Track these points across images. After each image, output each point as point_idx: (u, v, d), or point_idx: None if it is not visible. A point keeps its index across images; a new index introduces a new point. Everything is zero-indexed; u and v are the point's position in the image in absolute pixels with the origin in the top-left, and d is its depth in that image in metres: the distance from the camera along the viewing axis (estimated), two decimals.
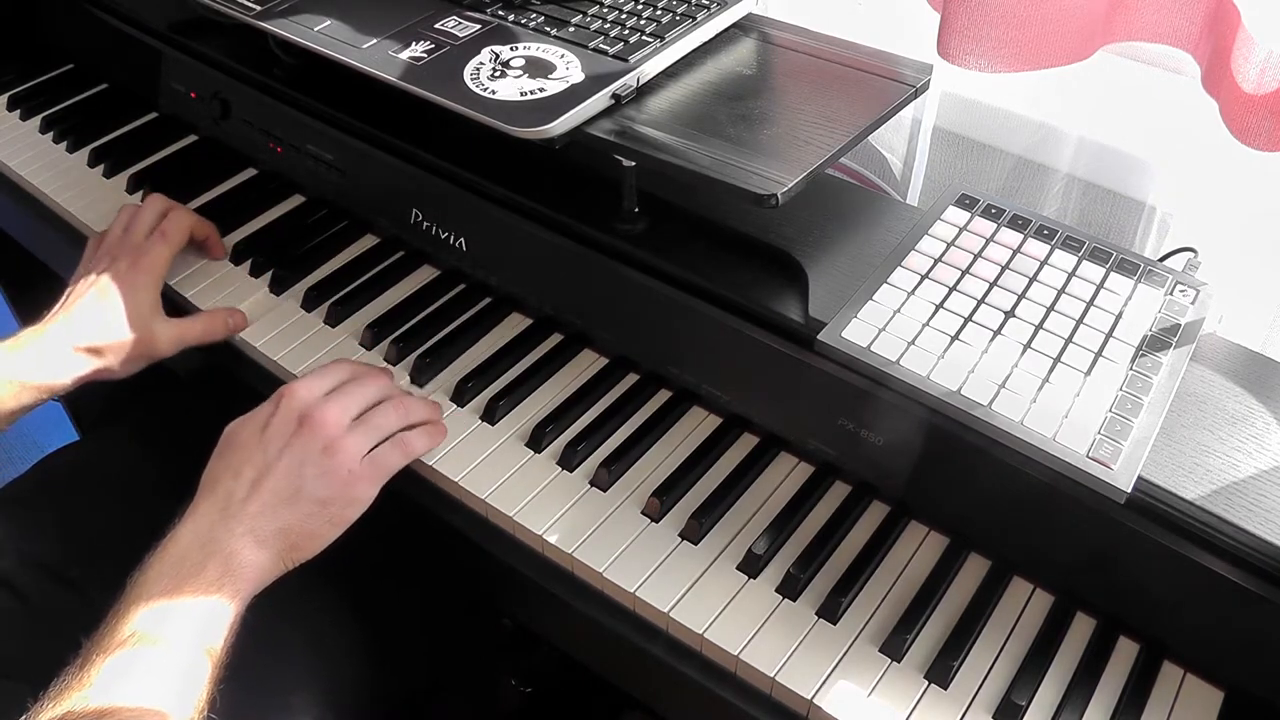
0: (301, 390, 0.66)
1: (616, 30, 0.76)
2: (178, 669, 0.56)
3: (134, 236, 0.80)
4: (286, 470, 0.63)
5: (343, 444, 0.64)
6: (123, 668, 0.55)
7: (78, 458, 0.87)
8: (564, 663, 0.81)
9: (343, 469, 0.64)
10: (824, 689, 0.57)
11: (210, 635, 0.58)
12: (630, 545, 0.64)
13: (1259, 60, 0.62)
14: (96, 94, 1.06)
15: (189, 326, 0.78)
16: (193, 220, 0.83)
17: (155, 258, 0.78)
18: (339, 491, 0.64)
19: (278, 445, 0.64)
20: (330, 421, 0.65)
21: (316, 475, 0.63)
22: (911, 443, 0.62)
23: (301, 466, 0.63)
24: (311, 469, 0.63)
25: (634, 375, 0.75)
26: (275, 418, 0.65)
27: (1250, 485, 0.56)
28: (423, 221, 0.82)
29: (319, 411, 0.65)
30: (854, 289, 0.66)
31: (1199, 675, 0.58)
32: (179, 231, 0.81)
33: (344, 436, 0.65)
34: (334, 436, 0.64)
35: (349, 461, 0.64)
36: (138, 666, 0.55)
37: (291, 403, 0.66)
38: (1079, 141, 0.84)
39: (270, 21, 0.82)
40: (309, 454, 0.64)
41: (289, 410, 0.65)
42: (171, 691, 0.55)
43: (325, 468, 0.64)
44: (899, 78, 0.73)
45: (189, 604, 0.58)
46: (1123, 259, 0.68)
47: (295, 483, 0.63)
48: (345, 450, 0.64)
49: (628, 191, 0.72)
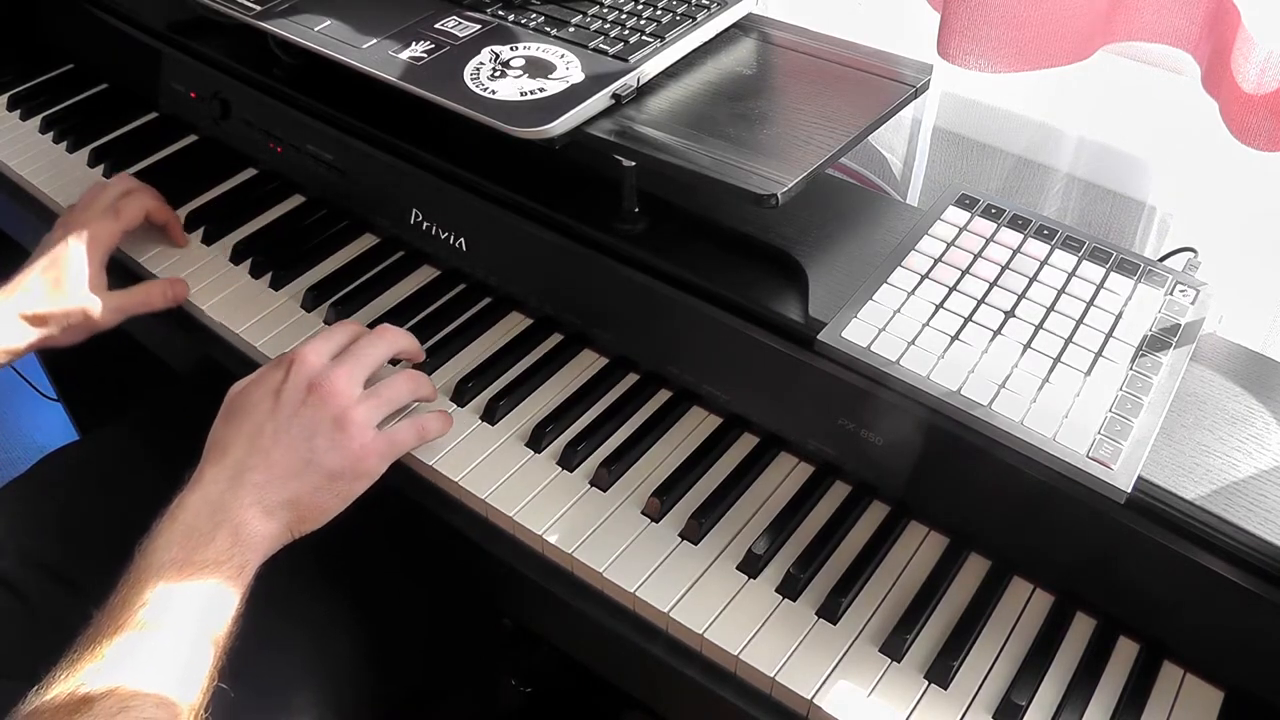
0: (310, 355, 0.65)
1: (616, 30, 0.76)
2: (185, 648, 0.56)
3: (91, 212, 0.82)
4: (296, 441, 0.62)
5: (354, 415, 0.64)
6: (129, 649, 0.54)
7: (78, 458, 0.87)
8: (564, 663, 0.81)
9: (354, 442, 0.63)
10: (824, 689, 0.57)
11: (220, 608, 0.58)
12: (630, 545, 0.64)
13: (1259, 60, 0.62)
14: (96, 94, 1.06)
15: (129, 296, 0.80)
16: (151, 204, 0.84)
17: (103, 232, 0.80)
18: (349, 465, 0.63)
19: (287, 414, 0.63)
20: (341, 391, 0.64)
21: (328, 448, 0.63)
22: (911, 443, 0.62)
23: (312, 438, 0.63)
24: (323, 440, 0.63)
25: (634, 375, 0.75)
26: (286, 385, 0.64)
27: (1250, 485, 0.56)
28: (423, 221, 0.82)
29: (329, 380, 0.64)
30: (854, 289, 0.66)
31: (1199, 675, 0.58)
32: (132, 212, 0.83)
33: (355, 407, 0.64)
34: (345, 407, 0.64)
35: (360, 435, 0.64)
36: (143, 647, 0.55)
37: (301, 369, 0.65)
38: (1079, 141, 0.84)
39: (270, 21, 0.82)
40: (320, 425, 0.63)
41: (299, 377, 0.64)
42: (177, 670, 0.55)
43: (336, 440, 0.63)
44: (899, 78, 0.73)
45: (198, 578, 0.57)
46: (1123, 259, 0.68)
47: (305, 455, 0.62)
48: (356, 423, 0.64)
49: (628, 191, 0.72)
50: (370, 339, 0.68)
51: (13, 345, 0.76)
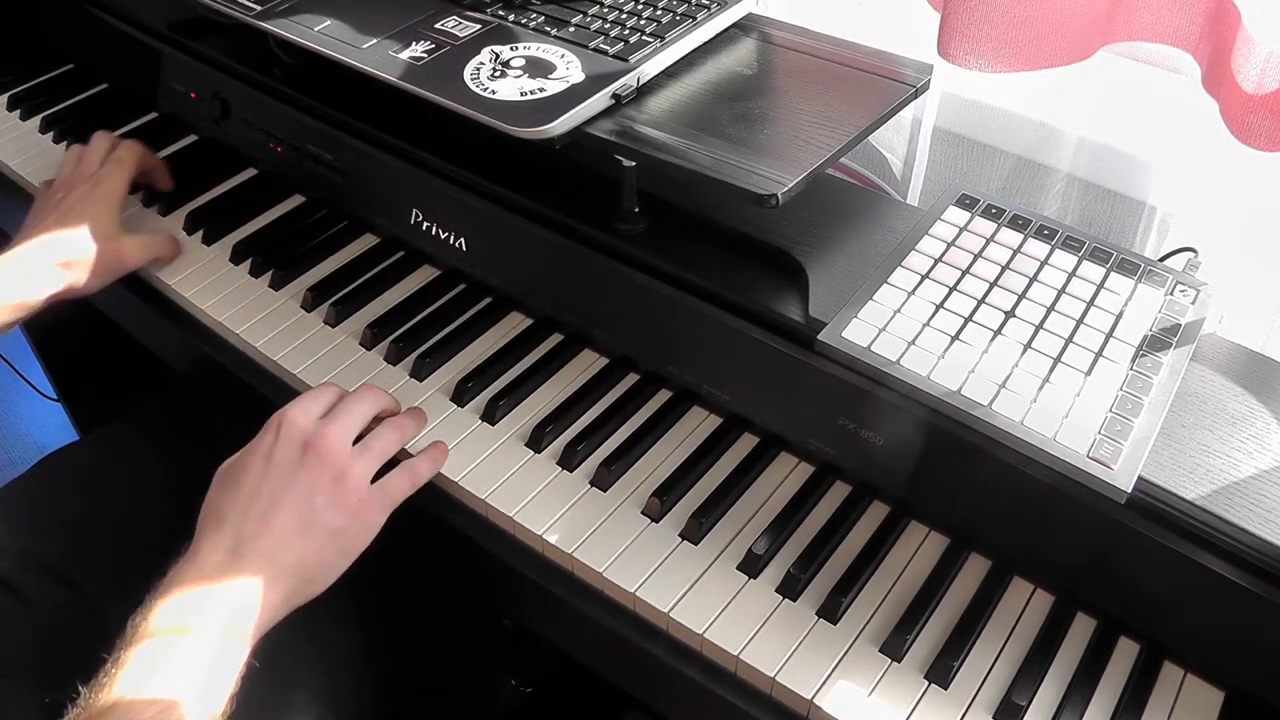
0: (299, 416, 0.64)
1: (616, 30, 0.76)
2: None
3: (87, 168, 0.85)
4: (297, 501, 0.61)
5: (351, 471, 0.63)
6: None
7: (78, 458, 0.87)
8: (564, 663, 0.81)
9: (353, 497, 0.63)
10: (824, 689, 0.57)
11: (215, 688, 0.55)
12: (630, 545, 0.64)
13: (1259, 60, 0.62)
14: (96, 94, 1.06)
15: (148, 237, 0.83)
16: (141, 149, 0.88)
17: (113, 182, 0.84)
18: (350, 520, 0.62)
19: (284, 475, 0.62)
20: (335, 448, 0.63)
21: (328, 505, 0.62)
22: (912, 443, 0.62)
23: (311, 496, 0.61)
24: (322, 498, 0.62)
25: (634, 375, 0.75)
26: (278, 447, 0.63)
27: (1250, 485, 0.56)
28: (423, 221, 0.82)
29: (322, 438, 0.63)
30: (854, 289, 0.66)
31: (1199, 675, 0.58)
32: (131, 158, 0.86)
33: (351, 463, 0.63)
34: (342, 464, 0.63)
35: (358, 489, 0.63)
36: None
37: (292, 430, 0.64)
38: (1079, 141, 0.84)
39: (270, 21, 0.82)
40: (318, 483, 0.62)
41: (291, 438, 0.63)
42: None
43: (336, 496, 0.62)
44: (899, 78, 0.73)
45: (192, 654, 0.55)
46: (1123, 259, 0.68)
47: (306, 514, 0.61)
48: (354, 477, 0.63)
49: (628, 191, 0.72)
50: (355, 397, 0.67)
51: (41, 294, 0.77)
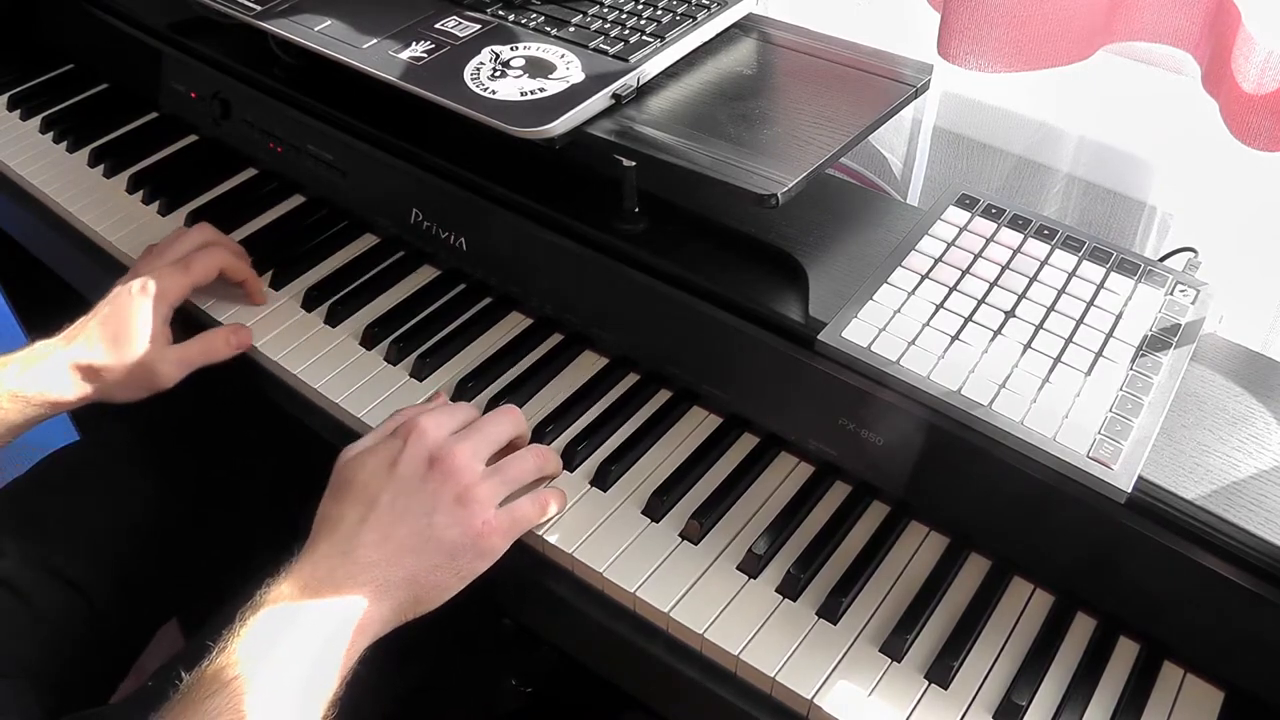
0: (431, 428, 0.62)
1: (617, 30, 0.76)
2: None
3: (161, 261, 0.77)
4: (416, 515, 0.59)
5: (477, 493, 0.60)
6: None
7: (78, 458, 0.87)
8: (564, 663, 0.81)
9: (476, 520, 0.60)
10: (824, 689, 0.57)
11: (317, 693, 0.55)
12: (630, 545, 0.64)
13: (1259, 60, 0.62)
14: (96, 94, 1.06)
15: (190, 349, 0.75)
16: (226, 260, 0.79)
17: (170, 286, 0.75)
18: (470, 543, 0.60)
19: (407, 487, 0.60)
20: (464, 467, 0.61)
21: (448, 525, 0.59)
22: (912, 443, 0.62)
23: (433, 514, 0.59)
24: (443, 518, 0.59)
25: (634, 375, 0.75)
26: (404, 456, 0.61)
27: (1250, 485, 0.56)
28: (423, 221, 0.82)
29: (451, 455, 0.61)
30: (854, 289, 0.66)
31: (1199, 675, 0.58)
32: (204, 267, 0.77)
33: (478, 485, 0.61)
34: (468, 484, 0.60)
35: (483, 512, 0.60)
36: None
37: (422, 440, 0.61)
38: (1079, 141, 0.84)
39: (270, 21, 0.82)
40: (441, 501, 0.60)
41: (418, 448, 0.61)
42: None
43: (458, 517, 0.60)
44: (899, 78, 0.73)
45: (295, 659, 0.54)
46: (1123, 259, 0.68)
47: (425, 531, 0.59)
48: (479, 500, 0.60)
49: (628, 191, 0.72)
50: (495, 417, 0.65)
51: (62, 396, 0.72)
